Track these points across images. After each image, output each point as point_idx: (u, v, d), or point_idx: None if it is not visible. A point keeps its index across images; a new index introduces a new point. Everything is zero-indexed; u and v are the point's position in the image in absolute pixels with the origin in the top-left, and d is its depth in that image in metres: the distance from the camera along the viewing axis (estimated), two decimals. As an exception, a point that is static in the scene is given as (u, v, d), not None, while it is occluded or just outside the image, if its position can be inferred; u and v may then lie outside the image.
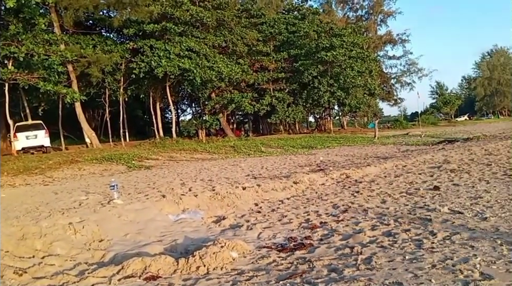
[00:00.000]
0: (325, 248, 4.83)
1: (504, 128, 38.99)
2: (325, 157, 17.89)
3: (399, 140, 28.46)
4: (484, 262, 3.78)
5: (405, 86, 71.01)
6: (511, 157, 11.78)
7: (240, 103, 35.51)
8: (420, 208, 6.44)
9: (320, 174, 11.03)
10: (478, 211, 5.90)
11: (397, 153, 18.00)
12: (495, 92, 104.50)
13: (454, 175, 9.60)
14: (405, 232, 5.11)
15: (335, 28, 43.58)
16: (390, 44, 68.11)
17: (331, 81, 40.70)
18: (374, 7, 65.35)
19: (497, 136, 23.45)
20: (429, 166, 11.56)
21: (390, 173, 10.96)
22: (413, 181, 9.26)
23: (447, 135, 31.52)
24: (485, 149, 14.18)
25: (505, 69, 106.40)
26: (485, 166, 10.57)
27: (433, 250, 4.31)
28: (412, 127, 51.09)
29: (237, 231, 6.05)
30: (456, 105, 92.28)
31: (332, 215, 6.55)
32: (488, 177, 8.94)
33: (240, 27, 36.99)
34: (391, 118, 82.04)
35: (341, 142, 29.53)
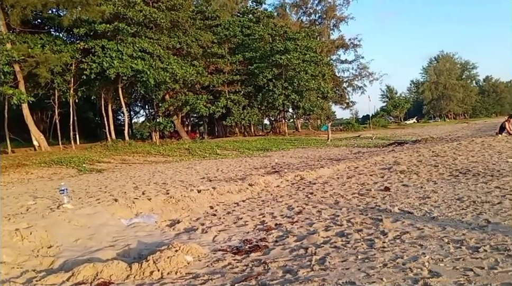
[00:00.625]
0: (280, 249, 4.87)
1: (450, 131, 40.71)
2: (280, 159, 18.04)
3: (351, 142, 29.11)
4: (433, 260, 3.92)
5: (357, 90, 72.99)
6: (456, 158, 12.29)
7: (195, 105, 35.28)
8: (372, 209, 6.61)
9: (275, 176, 11.12)
10: (427, 211, 6.12)
11: (349, 155, 18.40)
12: (441, 96, 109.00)
13: (403, 176, 9.91)
14: (358, 232, 5.23)
15: (289, 32, 44.13)
16: (342, 48, 69.73)
17: (285, 84, 41.16)
18: (327, 12, 66.69)
19: (444, 139, 24.43)
20: (380, 167, 11.88)
21: (342, 174, 11.19)
22: (365, 182, 9.49)
23: (396, 138, 32.51)
24: (432, 151, 14.72)
25: (450, 74, 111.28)
26: (432, 167, 10.98)
27: (385, 249, 4.44)
28: (364, 130, 52.38)
29: (192, 235, 5.99)
30: (405, 108, 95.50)
31: (287, 217, 6.61)
32: (435, 178, 9.28)
33: (195, 28, 36.78)
34: (343, 121, 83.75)
35: (296, 144, 29.88)
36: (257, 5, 49.09)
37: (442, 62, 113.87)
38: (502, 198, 6.60)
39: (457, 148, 15.17)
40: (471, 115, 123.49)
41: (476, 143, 16.37)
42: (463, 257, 3.94)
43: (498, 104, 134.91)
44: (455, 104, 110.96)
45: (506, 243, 4.21)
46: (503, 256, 3.86)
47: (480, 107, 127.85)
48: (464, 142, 17.05)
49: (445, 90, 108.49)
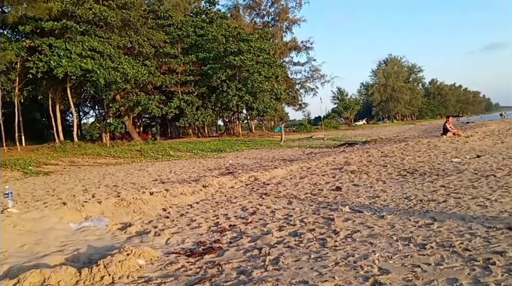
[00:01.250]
0: (234, 250, 4.86)
1: (398, 132, 42.09)
2: (234, 160, 18.04)
3: (303, 143, 29.51)
4: (382, 257, 4.03)
5: (309, 91, 74.18)
6: (404, 159, 12.71)
7: (147, 106, 34.70)
8: (324, 208, 6.72)
9: (229, 177, 11.10)
10: (376, 210, 6.29)
11: (302, 155, 18.64)
12: (390, 98, 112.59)
13: (354, 176, 10.14)
14: (311, 232, 5.30)
15: (243, 33, 44.24)
16: (295, 50, 70.70)
17: (239, 85, 41.22)
18: (280, 14, 67.40)
19: (392, 139, 25.24)
20: (331, 167, 12.11)
21: (295, 175, 11.32)
22: (317, 183, 9.64)
23: (347, 139, 33.26)
24: (381, 151, 15.16)
25: (398, 77, 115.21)
26: (381, 167, 11.30)
27: (337, 248, 4.52)
28: (316, 131, 53.24)
29: (144, 238, 5.88)
30: (355, 109, 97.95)
31: (241, 218, 6.61)
32: (384, 178, 9.56)
33: (147, 28, 36.17)
34: (296, 122, 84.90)
35: (250, 145, 29.97)
36: (210, 5, 48.93)
37: (391, 65, 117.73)
38: (447, 196, 6.88)
39: (405, 149, 15.69)
40: (417, 117, 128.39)
41: (423, 144, 17.01)
42: (411, 254, 4.08)
43: (443, 105, 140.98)
44: (403, 106, 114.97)
45: (451, 240, 4.39)
46: (449, 252, 4.03)
47: (425, 109, 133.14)
48: (411, 143, 17.68)
49: (393, 93, 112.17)
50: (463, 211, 5.76)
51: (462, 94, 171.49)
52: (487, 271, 3.44)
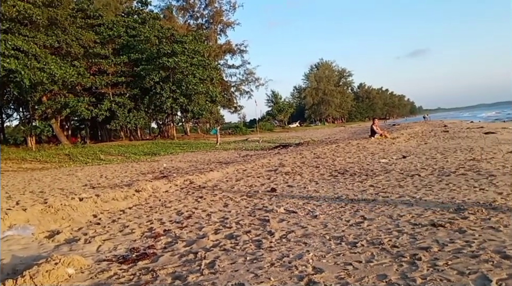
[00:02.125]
0: (169, 255, 4.77)
1: (329, 134, 43.40)
2: (169, 164, 17.75)
3: (239, 146, 29.64)
4: (316, 257, 4.12)
5: (244, 94, 74.68)
6: (335, 160, 13.11)
7: (76, 108, 33.33)
8: (259, 210, 6.77)
9: (164, 181, 10.90)
10: (310, 210, 6.42)
11: (238, 158, 18.71)
12: (321, 101, 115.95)
13: (288, 177, 10.31)
14: (246, 234, 5.32)
15: (176, 35, 43.71)
16: (229, 53, 70.90)
17: (173, 87, 40.64)
18: (214, 17, 67.32)
19: (324, 141, 25.96)
20: (266, 169, 12.25)
21: (231, 177, 11.33)
22: (252, 184, 9.70)
23: (281, 141, 33.82)
24: (314, 153, 15.55)
25: (329, 81, 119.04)
26: (314, 168, 11.58)
27: (272, 249, 4.57)
28: (251, 133, 53.69)
29: (74, 246, 5.62)
30: (289, 112, 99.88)
31: (176, 222, 6.51)
32: (317, 178, 9.80)
33: (76, 27, 34.72)
34: (231, 124, 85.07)
35: (185, 148, 29.64)
36: (142, 5, 47.86)
37: (322, 69, 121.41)
38: (376, 195, 7.18)
39: (336, 150, 16.20)
40: (347, 119, 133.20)
41: (352, 145, 17.65)
42: (343, 252, 4.20)
43: (371, 109, 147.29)
44: (334, 109, 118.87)
45: (381, 238, 4.57)
46: (378, 249, 4.19)
47: (355, 111, 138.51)
48: (342, 145, 18.28)
49: (325, 96, 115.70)
50: (391, 209, 6.03)
51: (389, 97, 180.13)
52: (414, 267, 3.61)
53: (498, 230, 4.47)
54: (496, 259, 3.58)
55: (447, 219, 5.12)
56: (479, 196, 6.39)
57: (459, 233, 4.51)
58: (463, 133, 23.80)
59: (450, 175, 8.77)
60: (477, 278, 3.25)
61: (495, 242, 4.06)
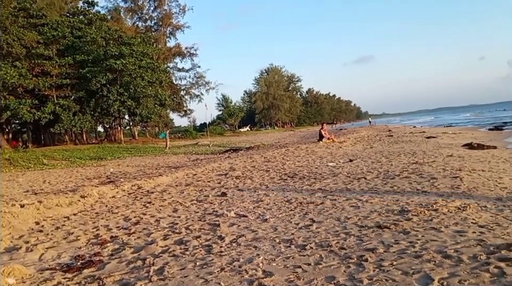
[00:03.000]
0: (116, 263, 4.64)
1: (279, 138, 43.86)
2: (116, 168, 17.31)
3: (189, 150, 29.37)
4: (266, 260, 4.14)
5: (194, 98, 73.98)
6: (285, 164, 13.26)
7: (17, 111, 31.90)
8: (210, 215, 6.73)
9: (111, 186, 10.61)
10: (260, 214, 6.45)
11: (188, 162, 18.53)
12: (271, 106, 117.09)
13: (238, 181, 10.32)
14: (196, 239, 5.26)
15: (124, 37, 42.79)
16: (179, 56, 70.17)
17: (121, 90, 39.75)
18: (164, 19, 66.46)
19: (274, 145, 26.21)
20: (217, 173, 12.20)
21: (181, 182, 11.20)
22: (203, 189, 9.63)
23: (232, 145, 33.83)
24: (264, 157, 15.66)
25: (279, 86, 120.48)
26: (264, 172, 11.66)
27: (222, 253, 4.54)
28: (201, 137, 53.34)
29: (15, 254, 5.36)
30: (239, 116, 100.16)
31: (124, 228, 6.34)
32: (267, 182, 9.87)
33: (17, 27, 33.25)
34: (181, 128, 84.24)
35: (133, 152, 29.02)
36: (89, 6, 46.53)
37: (272, 74, 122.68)
38: (324, 198, 7.31)
39: (285, 154, 16.39)
40: (297, 124, 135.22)
41: (301, 149, 17.92)
42: (293, 255, 4.24)
43: (319, 113, 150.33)
44: (283, 113, 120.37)
45: (329, 240, 4.66)
46: (326, 251, 4.27)
47: (304, 116, 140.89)
48: (291, 149, 18.52)
49: (274, 101, 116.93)
50: (338, 212, 6.16)
51: (336, 102, 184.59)
52: (360, 268, 3.71)
53: (439, 231, 4.66)
54: (438, 259, 3.73)
55: (392, 221, 5.30)
56: (422, 198, 6.65)
57: (404, 234, 4.67)
58: (406, 137, 24.76)
59: (394, 178, 9.09)
60: (420, 277, 3.37)
61: (437, 242, 4.24)
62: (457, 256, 3.74)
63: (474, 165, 10.61)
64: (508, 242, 3.98)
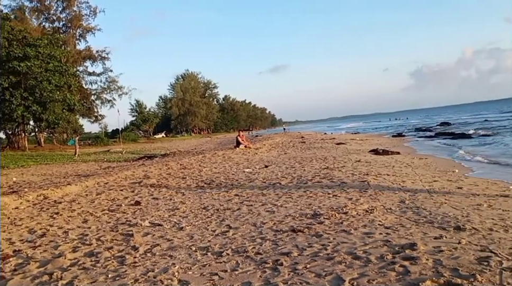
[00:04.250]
0: (20, 278, 4.32)
1: (195, 145, 43.58)
2: (19, 177, 16.15)
3: (100, 157, 28.19)
4: (182, 269, 4.08)
5: (105, 103, 70.94)
6: (201, 170, 13.19)
7: None
8: (123, 224, 6.50)
9: (13, 197, 9.86)
10: (176, 222, 6.35)
11: (99, 170, 17.77)
12: (187, 112, 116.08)
13: (153, 189, 10.08)
14: (108, 250, 5.06)
15: (30, 38, 40.21)
16: (89, 60, 67.16)
17: (25, 94, 37.23)
18: (73, 21, 63.36)
19: (190, 152, 25.98)
20: (130, 181, 11.83)
21: (91, 191, 10.71)
22: (115, 198, 9.28)
23: (146, 152, 33.01)
24: (180, 164, 15.46)
25: (195, 92, 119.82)
26: (180, 179, 11.51)
27: (136, 264, 4.40)
28: (114, 144, 51.52)
29: None
30: (154, 122, 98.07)
31: (28, 241, 5.92)
32: (183, 189, 9.75)
33: None
34: (92, 135, 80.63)
35: (38, 160, 27.24)
36: (-11, 4, 43.21)
37: (188, 80, 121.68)
38: (241, 204, 7.37)
39: (202, 161, 16.32)
40: (213, 130, 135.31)
41: (218, 156, 17.95)
42: (209, 262, 4.22)
43: (235, 120, 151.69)
44: (200, 120, 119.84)
45: (245, 246, 4.70)
46: (243, 257, 4.30)
47: (220, 123, 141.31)
48: (208, 155, 18.49)
49: (191, 107, 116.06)
50: (255, 217, 6.24)
51: (252, 109, 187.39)
52: (276, 272, 3.78)
53: (349, 233, 4.89)
54: (349, 260, 3.91)
55: (306, 224, 5.47)
56: (333, 202, 6.94)
57: (316, 237, 4.84)
58: (318, 143, 25.75)
59: (307, 182, 9.40)
60: (332, 279, 3.51)
61: (347, 244, 4.44)
62: (366, 257, 3.94)
63: (380, 170, 11.28)
64: (411, 242, 4.27)
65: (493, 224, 5.00)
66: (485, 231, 4.64)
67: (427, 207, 6.15)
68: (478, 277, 3.18)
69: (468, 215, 5.59)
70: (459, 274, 3.29)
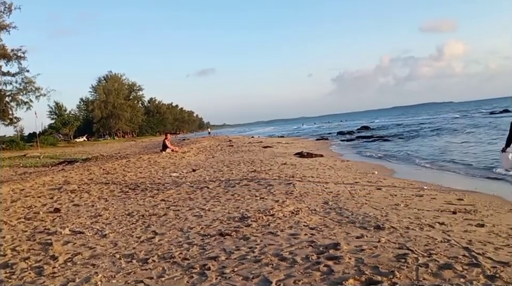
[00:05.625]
0: None
1: (119, 149, 42.22)
2: None
3: (15, 162, 26.46)
4: (105, 278, 3.92)
5: (22, 105, 66.72)
6: (126, 175, 12.81)
7: None
8: (41, 233, 6.15)
9: None
10: (99, 229, 6.11)
11: (14, 176, 16.68)
12: (111, 115, 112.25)
13: (74, 196, 9.64)
14: (25, 261, 4.76)
15: None
16: (4, 59, 62.92)
17: None
18: (-15, 17, 59.17)
19: (114, 156, 25.12)
20: (49, 188, 11.21)
21: (6, 198, 10.01)
22: (32, 205, 8.75)
23: (67, 156, 31.46)
24: (103, 169, 14.90)
25: (119, 94, 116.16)
26: (103, 184, 11.09)
27: (55, 275, 4.18)
28: (30, 149, 48.66)
29: None
30: (75, 126, 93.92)
31: None
32: (106, 195, 9.40)
33: None
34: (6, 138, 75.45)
35: None
36: None
37: (111, 82, 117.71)
38: (167, 209, 7.24)
39: (127, 165, 15.85)
40: (138, 134, 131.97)
41: (144, 160, 17.52)
42: (134, 270, 4.10)
43: (162, 123, 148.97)
44: (124, 123, 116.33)
45: (172, 251, 4.61)
46: (169, 263, 4.22)
47: (145, 126, 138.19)
48: (133, 160, 17.98)
49: (114, 109, 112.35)
50: (182, 222, 6.16)
51: (179, 112, 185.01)
52: (203, 277, 3.74)
53: (276, 235, 4.96)
54: (275, 262, 3.96)
55: (233, 228, 5.48)
56: (260, 205, 7.02)
57: (244, 240, 4.86)
58: (246, 147, 25.96)
59: (235, 186, 9.44)
60: (259, 281, 3.54)
61: (274, 246, 4.50)
62: (292, 258, 4.01)
63: (305, 172, 11.59)
64: (335, 242, 4.41)
65: (410, 223, 5.30)
66: (402, 229, 4.90)
67: (349, 208, 6.40)
68: (396, 274, 3.35)
69: (387, 214, 5.88)
70: (379, 272, 3.45)
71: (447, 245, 4.13)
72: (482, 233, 4.83)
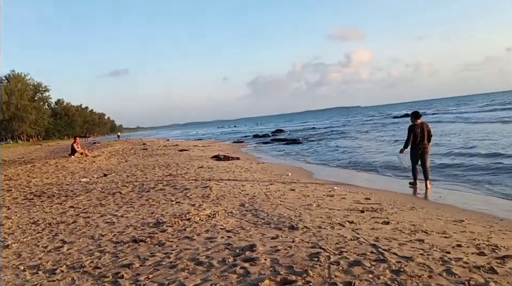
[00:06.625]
0: None
1: (23, 153, 39.50)
2: None
3: None
4: (7, 292, 3.64)
5: None
6: (31, 181, 12.01)
7: None
8: None
9: None
10: (1, 239, 5.66)
11: None
12: (13, 117, 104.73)
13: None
14: None
15: None
16: None
17: None
18: None
19: (17, 161, 23.48)
20: None
21: None
22: None
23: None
24: (5, 175, 13.87)
25: (23, 95, 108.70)
26: (5, 192, 10.32)
27: None
28: None
29: None
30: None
31: None
32: (9, 203, 8.75)
33: None
34: None
35: None
36: None
37: (14, 82, 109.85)
38: (77, 217, 6.88)
39: (31, 170, 14.89)
40: (44, 137, 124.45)
41: (50, 165, 16.55)
42: (40, 282, 3.85)
43: (70, 126, 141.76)
44: (28, 126, 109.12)
45: (82, 260, 4.38)
46: (79, 273, 4.00)
47: (52, 129, 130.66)
48: (38, 164, 16.92)
49: (17, 111, 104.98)
50: (92, 229, 5.88)
51: (89, 115, 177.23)
52: (116, 285, 3.60)
53: (192, 239, 4.91)
54: (192, 267, 3.91)
55: (148, 234, 5.33)
56: (176, 209, 6.91)
57: (159, 246, 4.75)
58: (161, 150, 25.47)
59: (150, 190, 9.21)
60: (175, 287, 3.47)
61: (190, 250, 4.45)
62: (208, 262, 3.99)
63: (222, 175, 11.62)
64: (251, 243, 4.46)
65: (322, 222, 5.50)
66: (315, 229, 5.07)
67: (264, 209, 6.50)
68: (310, 273, 3.45)
69: (300, 215, 6.06)
70: (294, 271, 3.53)
71: (356, 243, 4.34)
72: (387, 230, 5.13)
